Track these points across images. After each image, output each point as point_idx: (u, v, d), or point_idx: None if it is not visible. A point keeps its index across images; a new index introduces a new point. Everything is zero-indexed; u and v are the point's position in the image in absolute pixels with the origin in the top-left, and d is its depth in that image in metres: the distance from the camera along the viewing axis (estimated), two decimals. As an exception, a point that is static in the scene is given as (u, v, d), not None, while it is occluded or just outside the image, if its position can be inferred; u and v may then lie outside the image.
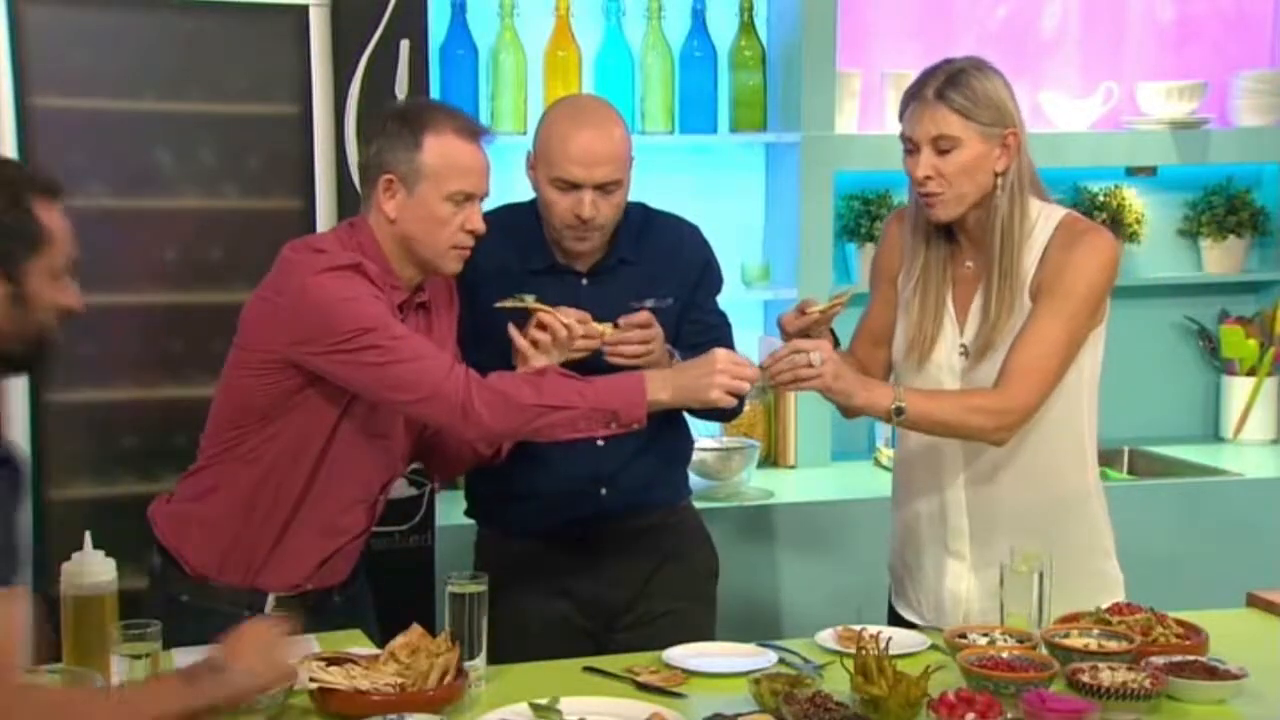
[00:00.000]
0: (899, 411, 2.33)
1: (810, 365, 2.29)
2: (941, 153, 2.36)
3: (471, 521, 2.77)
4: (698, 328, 2.65)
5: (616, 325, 2.47)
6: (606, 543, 2.63)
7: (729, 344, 2.69)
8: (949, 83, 2.36)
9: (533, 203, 2.59)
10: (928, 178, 2.36)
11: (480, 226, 2.37)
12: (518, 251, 2.57)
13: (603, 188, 2.48)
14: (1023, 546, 2.27)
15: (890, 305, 2.55)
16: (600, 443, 2.52)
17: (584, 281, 2.59)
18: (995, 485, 2.46)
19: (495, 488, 2.67)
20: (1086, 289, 2.38)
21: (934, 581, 2.52)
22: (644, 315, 2.48)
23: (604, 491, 2.61)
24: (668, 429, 2.65)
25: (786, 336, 2.45)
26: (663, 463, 2.68)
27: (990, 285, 2.40)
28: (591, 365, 2.45)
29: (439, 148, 2.31)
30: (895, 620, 2.57)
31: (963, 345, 2.44)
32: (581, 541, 2.63)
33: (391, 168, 2.32)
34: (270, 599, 2.37)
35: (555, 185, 2.48)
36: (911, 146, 2.39)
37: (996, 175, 2.38)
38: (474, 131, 2.37)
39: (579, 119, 2.51)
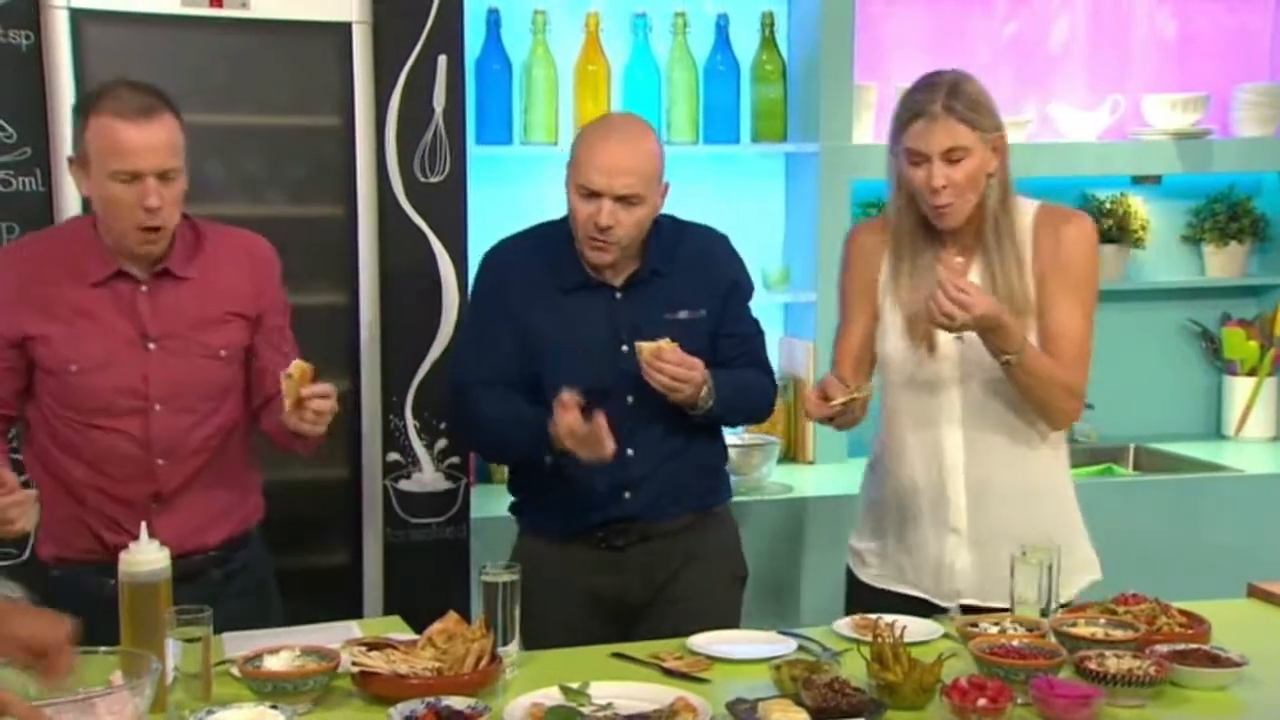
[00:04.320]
0: (1023, 348, 2.35)
1: (965, 292, 2.28)
2: (953, 163, 2.37)
3: (505, 515, 2.76)
4: (733, 341, 2.62)
5: (656, 342, 2.41)
6: (630, 544, 2.58)
7: (762, 355, 2.68)
8: (952, 94, 2.37)
9: (565, 219, 2.55)
10: (944, 187, 2.37)
11: (154, 202, 2.25)
12: (551, 268, 2.54)
13: (623, 199, 2.44)
14: (1016, 525, 2.36)
15: (871, 317, 2.54)
16: (630, 451, 2.50)
17: (618, 295, 2.55)
18: (989, 464, 2.48)
19: (530, 489, 2.65)
20: (1092, 272, 2.48)
21: (934, 555, 2.52)
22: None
23: (628, 495, 2.56)
24: (702, 439, 2.61)
25: (812, 420, 2.51)
26: (692, 471, 2.61)
27: (994, 277, 2.42)
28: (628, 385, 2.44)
29: (97, 129, 2.27)
30: (862, 592, 2.58)
31: (959, 334, 2.44)
32: (604, 541, 2.58)
33: (74, 150, 2.33)
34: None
35: (579, 193, 2.45)
36: (919, 159, 2.39)
37: (989, 176, 2.40)
38: (137, 110, 2.25)
39: (609, 131, 2.50)
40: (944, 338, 2.44)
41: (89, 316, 2.34)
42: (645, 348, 2.42)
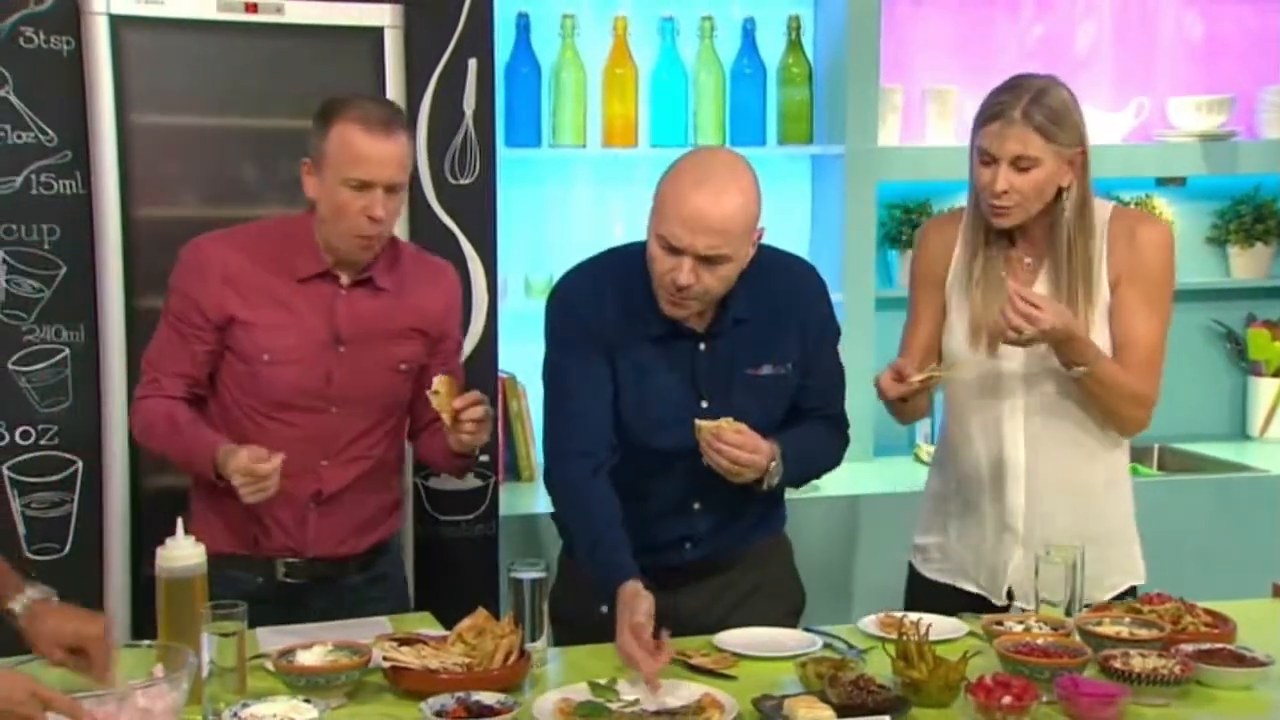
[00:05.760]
0: (1096, 360, 2.33)
1: (1033, 305, 2.27)
2: (1021, 170, 2.33)
3: (534, 513, 2.75)
4: (812, 392, 2.38)
5: (718, 419, 2.20)
6: (688, 583, 2.38)
7: (840, 406, 2.44)
8: (1034, 103, 2.32)
9: (642, 249, 2.27)
10: (1004, 192, 2.34)
11: (379, 213, 2.29)
12: (634, 311, 2.28)
13: (706, 259, 2.16)
14: (1071, 524, 2.35)
15: (939, 311, 2.51)
16: (697, 506, 2.36)
17: (701, 346, 2.29)
18: (1050, 464, 2.45)
19: None
20: (1169, 278, 2.44)
21: (992, 555, 2.50)
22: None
23: (688, 546, 2.39)
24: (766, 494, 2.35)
25: (886, 399, 2.37)
26: (755, 513, 2.42)
27: (1061, 287, 2.39)
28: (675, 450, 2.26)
29: (339, 136, 2.31)
30: (925, 587, 2.56)
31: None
32: (661, 583, 2.23)
33: (308, 152, 2.36)
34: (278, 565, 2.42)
35: (659, 243, 2.18)
36: (989, 159, 2.35)
37: (1061, 189, 2.37)
38: (379, 123, 2.30)
39: (701, 179, 2.16)
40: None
41: (289, 309, 2.38)
42: (704, 427, 2.20)
